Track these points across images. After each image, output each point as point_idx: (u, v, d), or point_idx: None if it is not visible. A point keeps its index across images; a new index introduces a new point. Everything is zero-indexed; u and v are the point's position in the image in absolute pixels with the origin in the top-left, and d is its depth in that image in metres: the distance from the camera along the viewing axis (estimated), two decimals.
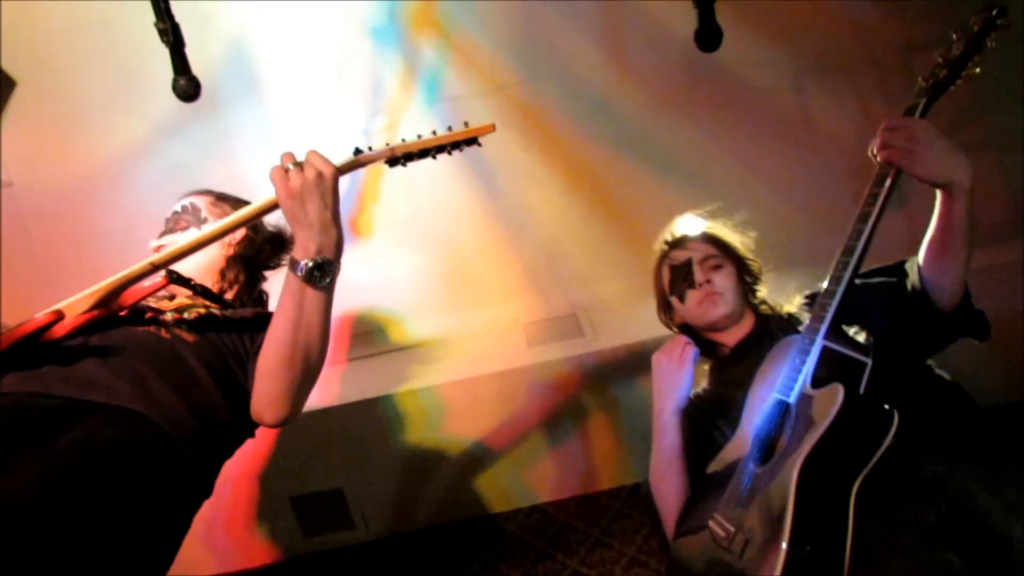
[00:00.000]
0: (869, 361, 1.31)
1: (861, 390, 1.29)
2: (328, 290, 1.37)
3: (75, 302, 1.46)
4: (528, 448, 2.65)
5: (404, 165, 1.44)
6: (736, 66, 2.45)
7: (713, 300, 1.72)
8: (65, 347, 1.41)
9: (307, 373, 1.39)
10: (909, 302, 1.52)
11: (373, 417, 2.55)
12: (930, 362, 1.59)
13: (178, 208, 1.79)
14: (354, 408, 2.54)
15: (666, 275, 1.82)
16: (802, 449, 1.25)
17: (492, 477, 2.67)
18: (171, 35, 1.85)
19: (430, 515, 2.70)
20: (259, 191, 1.47)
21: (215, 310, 1.64)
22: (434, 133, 1.44)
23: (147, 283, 1.51)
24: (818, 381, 1.34)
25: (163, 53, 1.88)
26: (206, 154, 2.57)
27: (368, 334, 2.87)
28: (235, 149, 2.58)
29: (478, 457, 2.64)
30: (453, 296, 2.89)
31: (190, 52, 1.90)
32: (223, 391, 1.48)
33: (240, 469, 2.50)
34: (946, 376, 1.56)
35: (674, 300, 1.80)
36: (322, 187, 1.32)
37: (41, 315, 1.42)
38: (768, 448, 1.39)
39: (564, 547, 2.50)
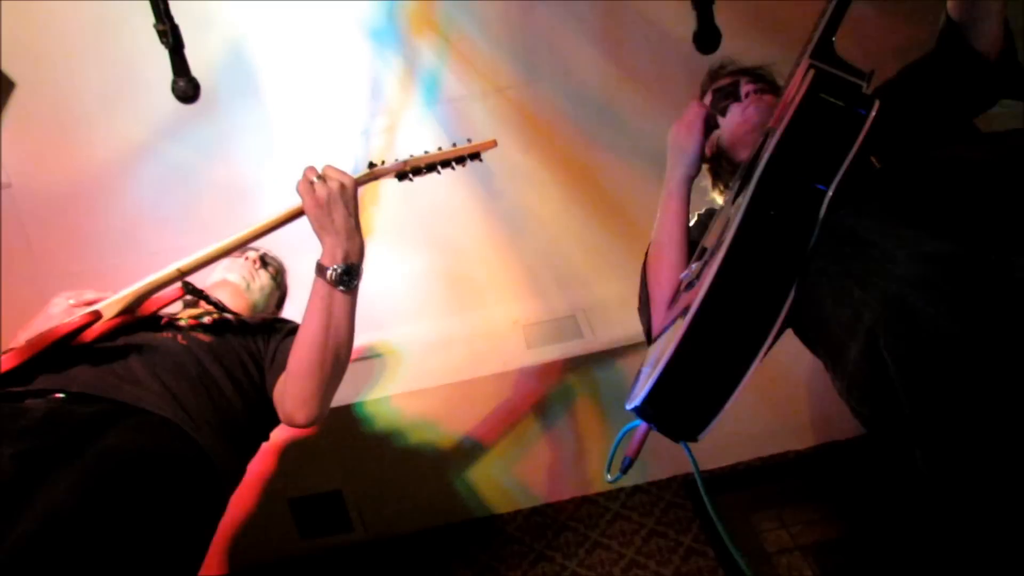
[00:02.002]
0: (864, 84, 1.18)
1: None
2: (355, 293, 1.46)
3: (108, 305, 1.51)
4: (527, 449, 2.65)
5: (411, 180, 1.53)
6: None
7: (758, 106, 1.60)
8: (96, 349, 1.45)
9: (336, 373, 1.46)
10: (942, 52, 1.39)
11: (372, 419, 2.55)
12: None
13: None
14: (353, 409, 2.53)
15: (708, 99, 1.74)
16: (770, 147, 1.11)
17: (490, 478, 2.67)
18: (170, 37, 1.85)
19: (428, 517, 2.70)
20: (258, 192, 1.50)
21: (228, 316, 1.70)
22: (439, 149, 1.56)
23: (165, 293, 1.55)
24: None
25: (162, 54, 1.88)
26: (205, 156, 2.57)
27: (368, 335, 2.87)
28: (234, 151, 2.58)
29: (476, 459, 2.64)
30: (452, 297, 2.89)
31: (189, 53, 1.90)
32: (241, 393, 1.53)
33: None
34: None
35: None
36: (345, 196, 1.41)
37: (78, 316, 1.46)
38: (745, 182, 1.26)
39: (563, 549, 2.50)
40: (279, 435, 2.46)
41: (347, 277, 1.42)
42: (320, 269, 1.43)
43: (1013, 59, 1.38)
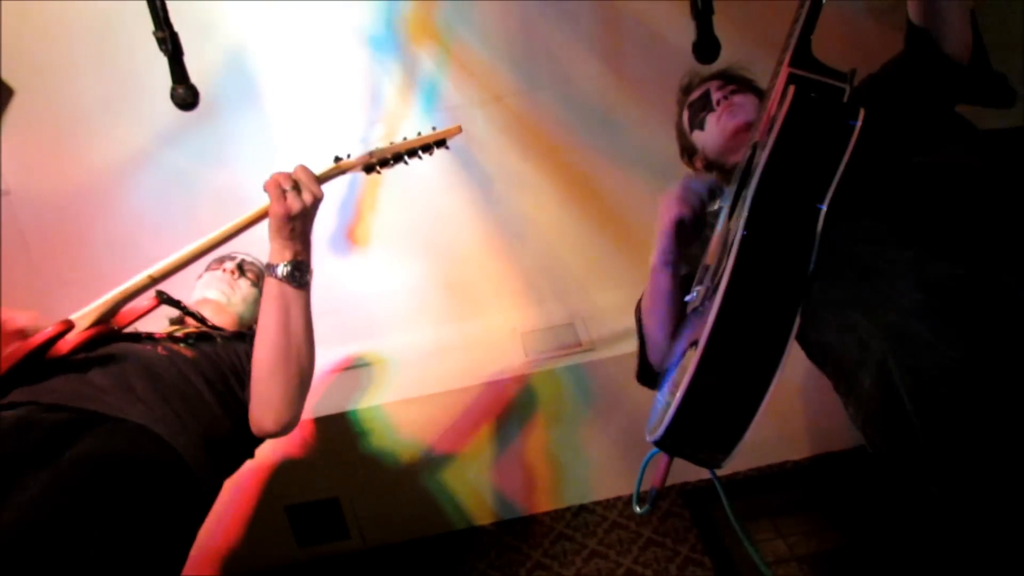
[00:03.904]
0: (847, 87, 1.15)
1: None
2: (307, 289, 1.46)
3: (81, 316, 1.48)
4: (524, 458, 2.64)
5: (379, 172, 1.53)
6: None
7: (732, 111, 1.58)
8: (70, 361, 1.42)
9: (300, 375, 1.45)
10: (910, 54, 1.37)
11: (369, 426, 2.54)
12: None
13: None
14: (350, 417, 2.53)
15: (686, 116, 1.72)
16: (758, 170, 1.08)
17: (488, 487, 2.67)
18: (170, 44, 1.85)
19: (426, 524, 2.69)
20: (257, 199, 1.51)
21: (207, 330, 1.68)
22: (405, 139, 1.56)
23: (140, 305, 1.53)
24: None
25: (162, 61, 1.88)
26: (204, 162, 2.58)
27: (365, 343, 2.87)
28: (233, 157, 2.58)
29: (475, 467, 2.63)
30: (450, 305, 2.89)
31: (188, 61, 1.90)
32: (224, 405, 1.50)
33: (234, 477, 2.48)
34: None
35: (695, 136, 1.69)
36: (315, 212, 1.44)
37: (51, 327, 1.43)
38: (737, 198, 1.24)
39: (560, 557, 2.49)
40: (276, 443, 2.47)
41: (297, 272, 1.43)
42: (269, 268, 1.44)
43: (984, 64, 1.35)
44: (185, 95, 1.93)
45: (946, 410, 1.05)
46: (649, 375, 1.58)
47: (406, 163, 1.56)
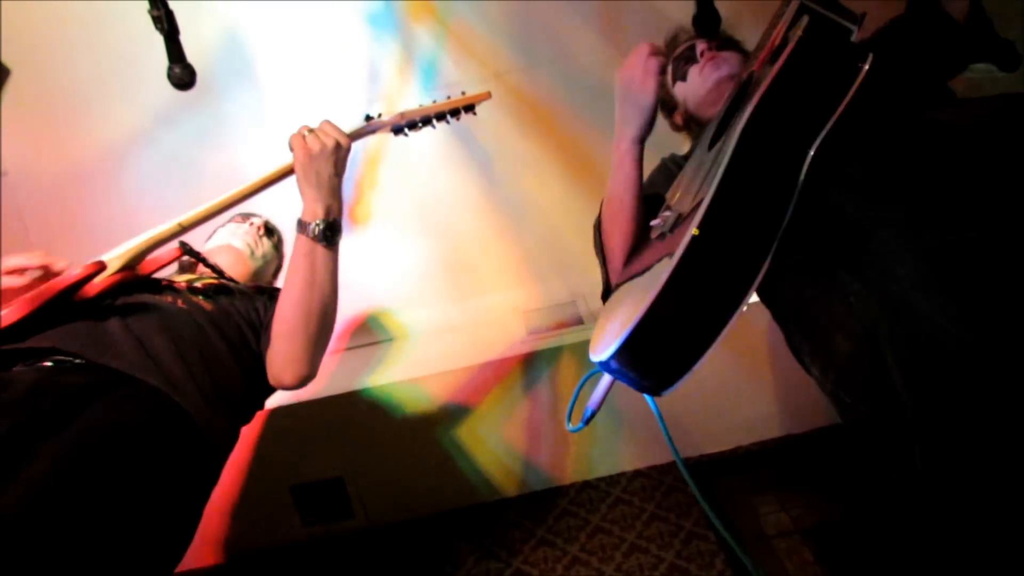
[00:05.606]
0: (855, 28, 1.11)
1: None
2: (336, 250, 1.47)
3: (112, 259, 1.49)
4: (527, 435, 2.65)
5: (407, 134, 1.55)
6: None
7: (716, 63, 1.58)
8: (95, 306, 1.42)
9: (322, 332, 1.46)
10: (913, 13, 1.39)
11: (373, 406, 2.55)
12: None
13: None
14: (354, 397, 2.54)
15: (670, 70, 1.71)
16: (755, 97, 1.04)
17: (491, 464, 2.68)
18: (165, 22, 1.83)
19: (430, 503, 2.71)
20: (255, 178, 1.51)
21: (224, 281, 1.69)
22: (434, 102, 1.60)
23: (163, 253, 1.54)
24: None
25: (158, 40, 1.86)
26: (202, 142, 2.56)
27: (367, 323, 2.87)
28: (231, 137, 2.57)
29: (477, 445, 2.64)
30: (452, 284, 2.89)
31: (185, 39, 1.88)
32: (239, 360, 1.51)
33: (239, 457, 2.50)
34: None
35: (677, 88, 1.68)
36: (338, 154, 1.46)
37: (80, 268, 1.43)
38: (722, 129, 1.20)
39: (564, 533, 2.50)
40: (282, 422, 2.48)
41: (330, 232, 1.43)
42: (302, 225, 1.44)
43: (982, 20, 1.36)
44: (182, 75, 1.91)
45: (939, 380, 1.04)
46: None
47: (434, 127, 1.58)
